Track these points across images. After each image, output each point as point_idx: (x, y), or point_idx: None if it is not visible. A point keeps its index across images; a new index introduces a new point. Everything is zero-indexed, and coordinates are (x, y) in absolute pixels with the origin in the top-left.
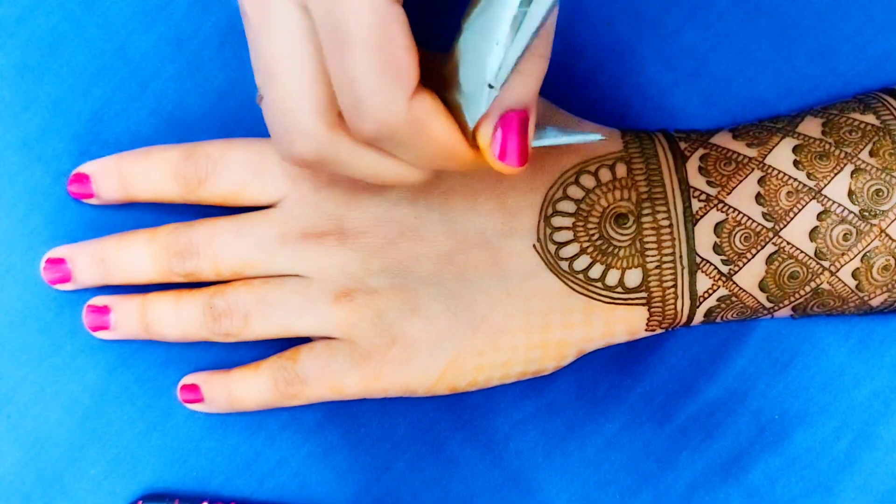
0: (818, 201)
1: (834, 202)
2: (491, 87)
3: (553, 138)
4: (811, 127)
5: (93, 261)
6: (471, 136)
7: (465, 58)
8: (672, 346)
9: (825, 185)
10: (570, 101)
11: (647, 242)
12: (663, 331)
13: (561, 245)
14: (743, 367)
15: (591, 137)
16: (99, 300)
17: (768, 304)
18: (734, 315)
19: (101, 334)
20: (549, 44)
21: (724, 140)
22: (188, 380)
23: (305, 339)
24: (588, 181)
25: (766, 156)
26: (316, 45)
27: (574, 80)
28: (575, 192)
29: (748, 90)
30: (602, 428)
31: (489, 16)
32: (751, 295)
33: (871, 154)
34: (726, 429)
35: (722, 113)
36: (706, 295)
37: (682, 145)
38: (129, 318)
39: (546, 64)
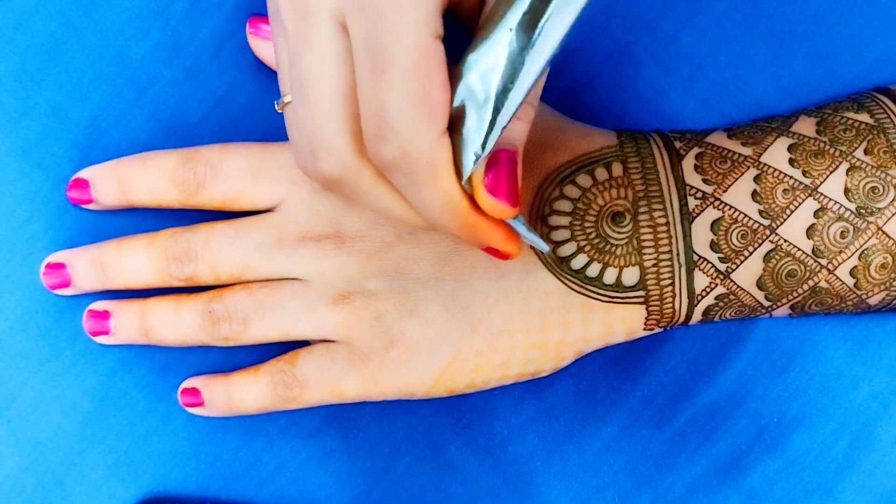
0: (814, 199)
1: (830, 199)
2: (477, 156)
3: (515, 223)
4: (805, 126)
5: (92, 266)
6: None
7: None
8: (670, 349)
9: (821, 183)
10: (568, 104)
11: (644, 240)
12: (661, 330)
13: (558, 244)
14: (741, 370)
15: (542, 246)
16: (99, 305)
17: (766, 303)
18: (732, 314)
19: (101, 339)
20: (539, 91)
21: (719, 139)
22: (188, 384)
23: (305, 343)
24: (584, 180)
25: (761, 154)
26: (351, 66)
27: (571, 83)
28: (571, 191)
29: (745, 94)
30: (601, 431)
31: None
32: (748, 293)
33: (866, 152)
34: (725, 431)
35: (719, 116)
36: (704, 293)
37: (678, 144)
38: (129, 323)
39: (535, 111)
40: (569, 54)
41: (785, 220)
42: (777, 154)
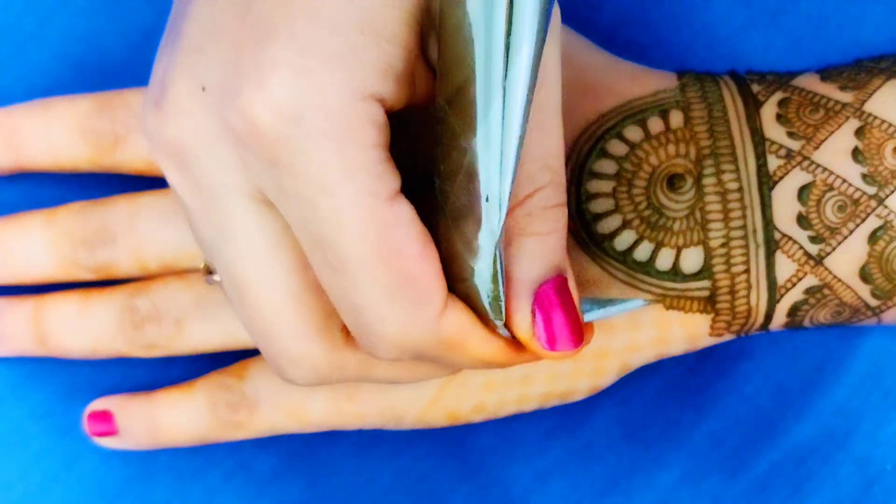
0: None
1: None
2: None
3: (590, 314)
4: None
5: None
6: (498, 325)
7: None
8: (749, 369)
9: None
10: (614, 43)
11: (710, 212)
12: (734, 336)
13: (599, 217)
14: (844, 399)
15: (632, 305)
16: None
17: (873, 301)
18: (828, 315)
19: None
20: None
21: (809, 82)
22: (98, 405)
23: (257, 352)
24: (633, 133)
25: (864, 101)
26: (292, 247)
27: (620, 17)
28: (616, 147)
29: (850, 32)
30: (655, 479)
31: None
32: (848, 286)
33: None
34: (822, 482)
35: (814, 62)
36: (789, 284)
37: (756, 88)
38: (20, 328)
39: (565, 212)
40: None
41: None
42: (886, 101)
